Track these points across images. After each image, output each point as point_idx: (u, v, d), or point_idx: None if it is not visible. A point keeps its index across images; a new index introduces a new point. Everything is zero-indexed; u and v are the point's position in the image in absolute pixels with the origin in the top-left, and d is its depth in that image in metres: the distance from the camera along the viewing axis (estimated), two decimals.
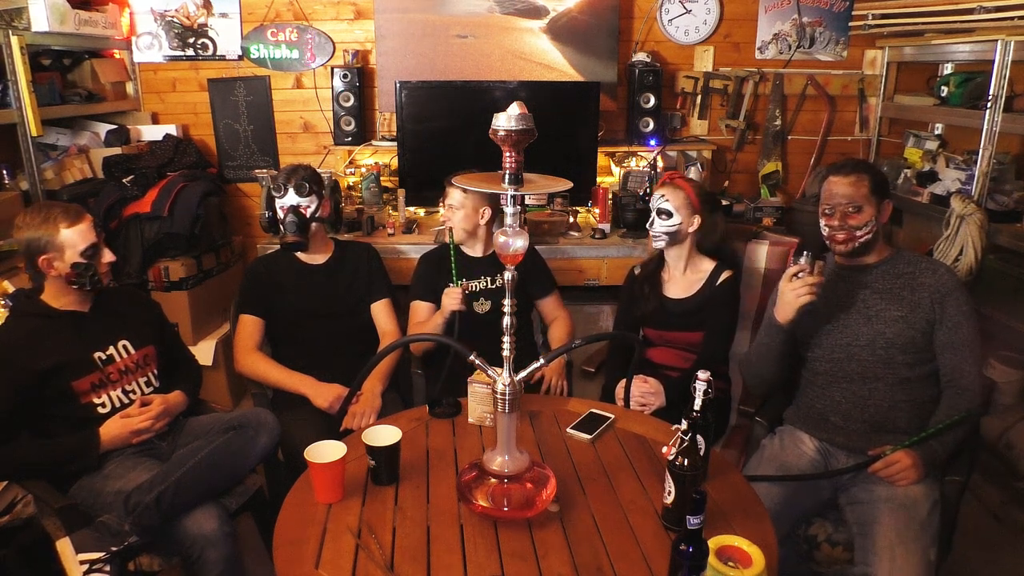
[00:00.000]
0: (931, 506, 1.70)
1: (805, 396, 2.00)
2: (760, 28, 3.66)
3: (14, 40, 2.61)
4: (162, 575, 1.79)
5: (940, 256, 2.93)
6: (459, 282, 2.29)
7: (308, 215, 2.28)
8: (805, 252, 1.77)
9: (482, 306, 2.39)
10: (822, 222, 1.90)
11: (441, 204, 2.42)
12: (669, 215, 2.17)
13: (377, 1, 3.48)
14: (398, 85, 3.24)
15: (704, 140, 3.73)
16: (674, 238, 2.20)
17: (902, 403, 1.85)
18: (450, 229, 2.35)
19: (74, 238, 1.79)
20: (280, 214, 2.29)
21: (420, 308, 2.41)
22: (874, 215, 1.83)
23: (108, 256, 1.87)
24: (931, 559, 1.62)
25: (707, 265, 2.26)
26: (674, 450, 1.36)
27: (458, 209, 2.34)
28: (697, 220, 2.19)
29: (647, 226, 2.24)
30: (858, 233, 1.84)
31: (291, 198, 2.26)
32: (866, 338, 1.86)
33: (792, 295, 1.78)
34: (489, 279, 2.41)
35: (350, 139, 3.51)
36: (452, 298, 2.22)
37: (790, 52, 3.69)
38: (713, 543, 1.20)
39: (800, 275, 1.77)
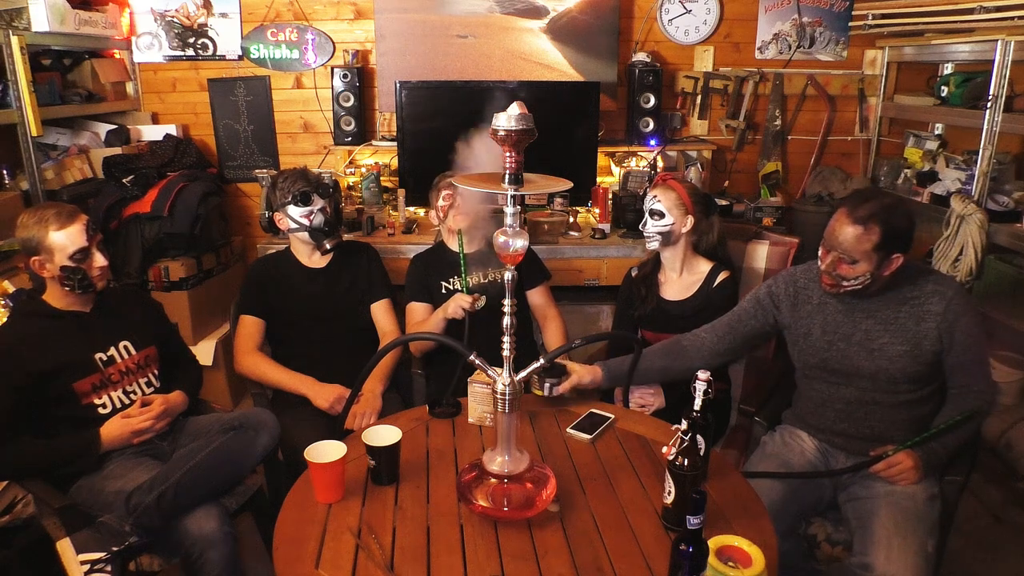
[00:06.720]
0: (929, 498, 1.70)
1: (802, 405, 1.97)
2: (760, 28, 3.66)
3: (14, 40, 2.61)
4: (162, 575, 1.80)
5: (940, 256, 2.93)
6: (465, 280, 2.28)
7: (330, 213, 2.31)
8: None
9: (478, 301, 2.38)
10: (819, 251, 1.76)
11: (439, 209, 2.39)
12: (661, 215, 2.17)
13: (377, 1, 3.48)
14: (398, 85, 3.24)
15: (704, 140, 3.73)
16: (667, 239, 2.20)
17: (902, 420, 1.82)
18: (460, 233, 2.33)
19: (63, 241, 1.77)
20: (305, 222, 2.26)
21: (416, 309, 2.40)
22: (870, 270, 1.68)
23: (100, 260, 1.83)
24: (929, 551, 1.61)
25: (704, 267, 2.26)
26: (674, 450, 1.36)
27: (465, 212, 2.34)
28: (690, 221, 2.18)
29: (640, 227, 2.24)
30: (844, 283, 1.72)
31: (318, 201, 2.27)
32: (868, 371, 1.79)
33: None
34: (481, 274, 2.41)
35: (350, 139, 3.51)
36: (461, 303, 2.18)
37: (790, 52, 3.69)
38: (713, 543, 1.21)
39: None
